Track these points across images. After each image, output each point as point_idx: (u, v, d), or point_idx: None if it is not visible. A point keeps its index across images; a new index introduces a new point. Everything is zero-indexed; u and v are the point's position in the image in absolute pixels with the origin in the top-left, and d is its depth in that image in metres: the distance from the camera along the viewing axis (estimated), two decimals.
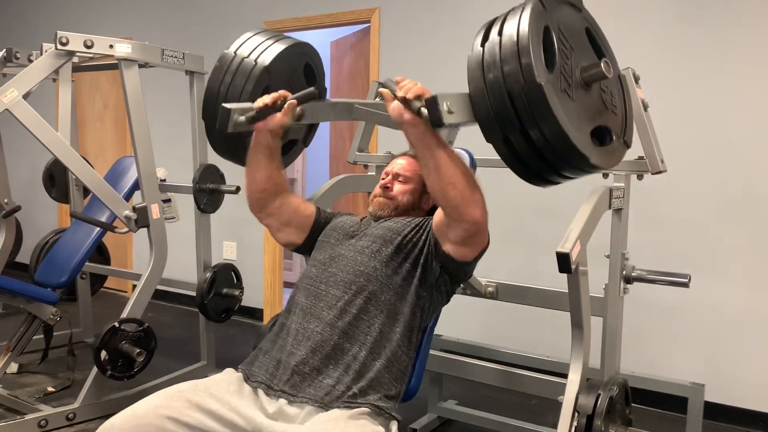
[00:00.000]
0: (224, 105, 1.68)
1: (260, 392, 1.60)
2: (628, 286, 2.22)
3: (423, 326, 1.78)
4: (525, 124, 1.30)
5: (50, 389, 3.07)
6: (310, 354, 1.60)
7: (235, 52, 1.94)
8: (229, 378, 1.63)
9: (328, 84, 5.22)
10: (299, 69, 2.07)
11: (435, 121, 1.36)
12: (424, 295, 1.74)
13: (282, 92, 1.71)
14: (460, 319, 3.03)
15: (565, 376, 1.99)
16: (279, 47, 1.94)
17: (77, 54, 2.76)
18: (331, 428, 1.43)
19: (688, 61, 3.08)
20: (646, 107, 2.15)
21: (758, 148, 2.93)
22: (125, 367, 2.70)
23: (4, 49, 3.21)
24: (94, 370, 2.72)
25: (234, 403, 1.53)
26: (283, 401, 1.57)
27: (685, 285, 2.24)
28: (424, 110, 1.42)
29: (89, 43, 2.68)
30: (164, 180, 3.33)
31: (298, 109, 1.74)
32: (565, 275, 1.85)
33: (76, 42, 2.66)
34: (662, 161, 2.14)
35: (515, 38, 1.30)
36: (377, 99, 3.10)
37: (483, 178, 2.31)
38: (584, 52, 1.47)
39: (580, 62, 1.42)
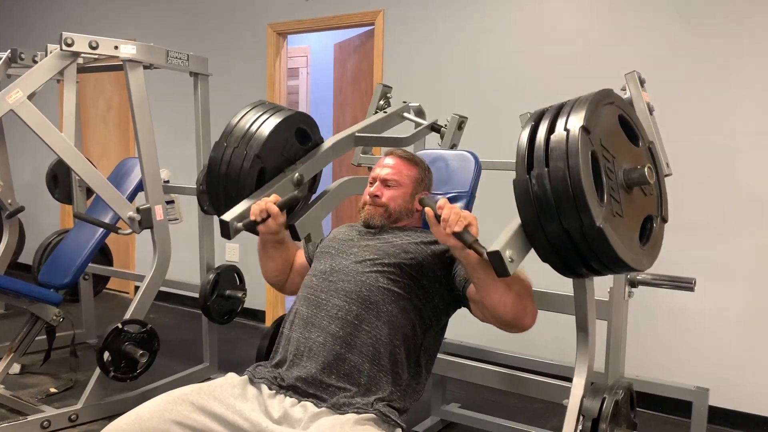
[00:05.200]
0: (222, 219, 1.93)
1: (264, 390, 1.59)
2: (633, 289, 2.21)
3: (431, 347, 1.77)
4: (585, 255, 1.34)
5: (53, 390, 3.06)
6: (311, 363, 1.59)
7: (226, 142, 2.11)
8: (232, 381, 1.62)
9: (331, 87, 5.24)
10: (291, 138, 2.21)
11: (502, 274, 1.39)
12: (429, 316, 1.73)
13: (264, 206, 1.81)
14: (463, 322, 3.02)
15: (568, 379, 1.97)
16: (266, 130, 2.09)
17: (82, 55, 2.76)
18: None
19: (692, 65, 3.07)
20: (651, 111, 2.15)
21: (763, 151, 2.92)
22: (128, 369, 2.70)
23: (9, 50, 3.22)
24: (97, 371, 2.72)
25: (238, 407, 1.53)
26: (288, 401, 1.56)
27: (690, 289, 2.23)
28: (478, 246, 1.43)
29: (94, 44, 2.68)
30: (168, 181, 3.33)
31: (296, 174, 1.99)
32: (569, 278, 1.84)
33: (81, 43, 2.66)
34: (668, 165, 2.14)
35: (567, 177, 1.30)
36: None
37: (487, 180, 2.32)
38: (622, 149, 1.47)
39: (622, 164, 1.43)
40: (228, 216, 1.94)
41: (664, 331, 3.16)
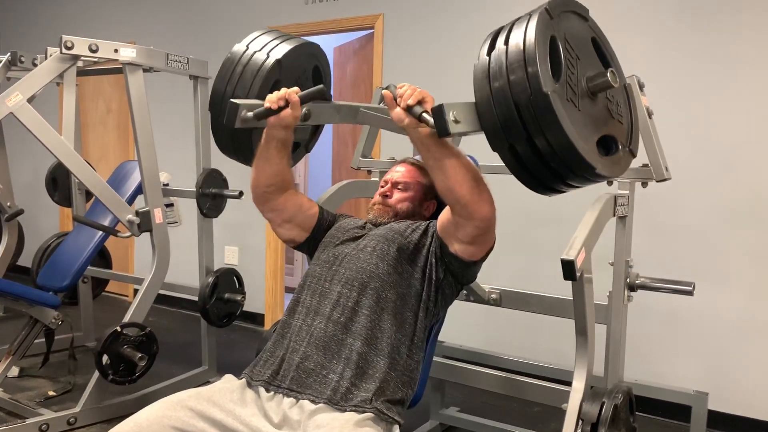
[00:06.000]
0: (232, 101, 1.63)
1: (262, 393, 1.59)
2: (632, 293, 2.21)
3: (428, 328, 1.78)
4: (531, 133, 1.30)
5: (51, 393, 3.06)
6: (312, 349, 1.61)
7: (247, 45, 1.93)
8: (230, 386, 1.62)
9: (331, 89, 5.24)
10: (308, 70, 2.06)
11: (441, 130, 1.36)
12: (427, 296, 1.74)
13: (284, 94, 1.64)
14: (462, 326, 3.03)
15: (567, 383, 1.98)
16: (291, 44, 1.94)
17: (82, 58, 2.76)
18: None
19: (692, 69, 3.08)
20: (650, 115, 2.16)
21: (762, 155, 2.92)
22: (127, 372, 2.70)
23: (9, 53, 3.22)
24: (96, 374, 2.72)
25: (238, 412, 1.53)
26: (286, 402, 1.56)
27: (690, 293, 2.23)
28: (426, 116, 1.42)
29: (94, 47, 2.69)
30: (167, 184, 3.33)
31: (304, 109, 1.70)
32: (569, 282, 1.85)
33: (81, 46, 2.66)
34: (667, 169, 2.15)
35: (522, 47, 1.30)
36: (381, 104, 3.12)
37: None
38: (590, 62, 1.47)
39: (586, 72, 1.42)
40: (239, 101, 1.65)
41: (663, 335, 3.16)
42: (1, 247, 3.38)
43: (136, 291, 3.06)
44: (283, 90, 1.66)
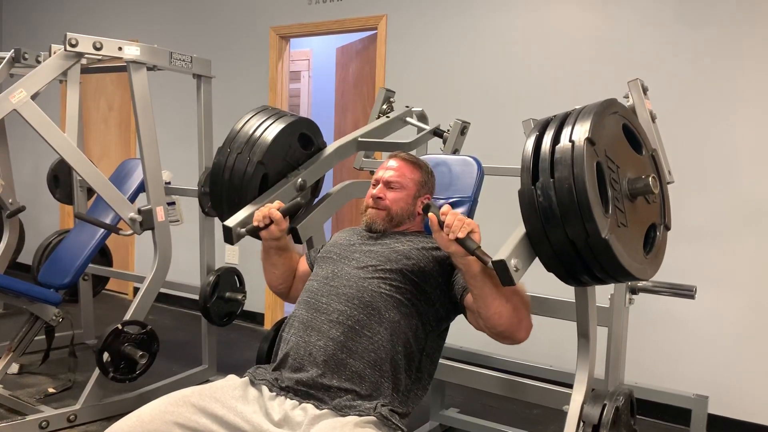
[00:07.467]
0: (225, 224, 1.95)
1: (265, 392, 1.59)
2: (634, 296, 2.21)
3: (432, 352, 1.76)
4: (589, 264, 1.35)
5: (51, 390, 3.06)
6: (314, 370, 1.59)
7: (229, 148, 2.13)
8: (233, 383, 1.62)
9: (333, 91, 5.25)
10: (294, 143, 2.23)
11: (506, 282, 1.39)
12: (430, 321, 1.73)
13: (267, 212, 1.81)
14: (462, 327, 3.02)
15: (567, 385, 1.98)
16: (269, 136, 2.11)
17: (86, 55, 2.77)
18: None
19: (695, 71, 3.08)
20: (654, 118, 2.15)
21: (762, 159, 2.93)
22: (127, 370, 2.70)
23: (12, 50, 3.22)
24: (96, 371, 2.72)
25: (239, 409, 1.53)
26: (289, 404, 1.56)
27: (691, 296, 2.24)
28: (480, 254, 1.43)
29: (98, 45, 2.69)
30: (169, 183, 3.33)
31: (299, 179, 2.03)
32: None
33: (85, 43, 2.67)
34: (670, 172, 2.15)
35: (573, 193, 1.30)
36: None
37: (489, 185, 2.32)
38: (628, 160, 1.47)
39: (626, 173, 1.43)
40: (231, 222, 1.96)
41: (663, 338, 3.16)
42: (2, 243, 3.38)
43: (136, 289, 3.07)
44: (267, 206, 1.84)
